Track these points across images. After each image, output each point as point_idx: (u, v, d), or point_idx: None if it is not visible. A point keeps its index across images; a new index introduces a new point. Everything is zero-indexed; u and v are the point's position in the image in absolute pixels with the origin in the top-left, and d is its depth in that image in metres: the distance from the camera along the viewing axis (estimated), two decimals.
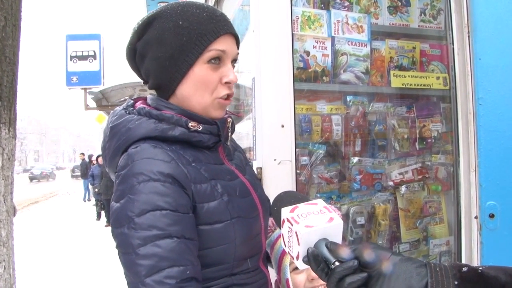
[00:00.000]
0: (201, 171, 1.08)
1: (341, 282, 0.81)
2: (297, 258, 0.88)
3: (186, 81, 1.10)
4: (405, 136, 2.40)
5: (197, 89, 1.10)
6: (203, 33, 1.07)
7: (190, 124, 1.09)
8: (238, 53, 1.16)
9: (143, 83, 1.20)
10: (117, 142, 1.09)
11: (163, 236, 0.95)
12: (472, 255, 2.10)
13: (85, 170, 17.42)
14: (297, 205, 0.93)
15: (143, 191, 0.97)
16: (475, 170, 1.99)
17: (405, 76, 2.34)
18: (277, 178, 1.89)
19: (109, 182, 10.85)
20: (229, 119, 1.20)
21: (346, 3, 2.26)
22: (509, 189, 1.82)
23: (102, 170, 11.40)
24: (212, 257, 1.06)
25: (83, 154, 19.30)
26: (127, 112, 1.14)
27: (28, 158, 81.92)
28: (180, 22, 1.07)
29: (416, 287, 0.77)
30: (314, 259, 0.85)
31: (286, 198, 1.03)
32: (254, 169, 1.92)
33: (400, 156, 2.41)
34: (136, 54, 1.15)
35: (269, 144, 1.90)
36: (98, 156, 13.34)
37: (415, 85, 2.35)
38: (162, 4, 1.16)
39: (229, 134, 1.22)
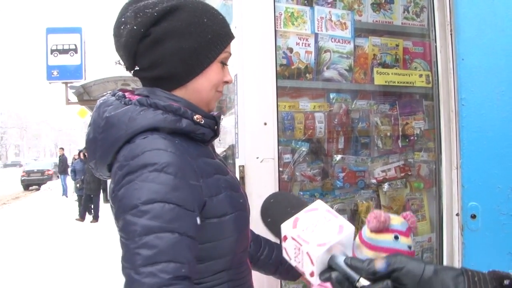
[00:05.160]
0: (206, 165, 1.10)
1: None
2: (312, 275, 0.83)
3: (202, 76, 1.14)
4: (388, 134, 2.40)
5: (208, 85, 1.16)
6: (224, 35, 1.15)
7: (195, 117, 1.11)
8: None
9: (129, 69, 1.16)
10: (118, 132, 1.06)
11: (166, 230, 0.93)
12: (453, 252, 2.12)
13: (64, 165, 17.13)
14: (297, 216, 0.86)
15: (154, 181, 0.96)
16: (457, 168, 2.00)
17: (388, 74, 2.34)
18: (260, 176, 1.87)
19: (91, 177, 10.76)
20: (222, 116, 1.26)
21: (330, 0, 2.25)
22: (490, 190, 1.83)
23: (87, 166, 11.25)
24: (216, 250, 1.08)
25: (62, 149, 18.86)
26: (123, 102, 1.11)
27: (8, 153, 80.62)
28: (205, 20, 1.12)
29: None
30: (339, 282, 0.80)
31: (279, 206, 0.97)
32: (237, 167, 1.91)
33: (383, 153, 2.41)
34: (147, 39, 1.10)
35: (252, 142, 1.88)
36: (80, 151, 13.17)
37: (398, 82, 2.35)
38: None
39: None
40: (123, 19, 1.12)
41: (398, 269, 0.76)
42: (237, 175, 1.87)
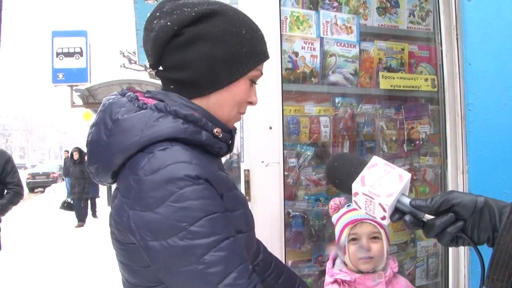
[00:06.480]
0: (226, 179, 1.06)
1: (441, 233, 0.91)
2: (383, 219, 0.98)
3: (227, 90, 1.07)
4: (393, 138, 2.39)
5: (232, 101, 1.09)
6: (259, 52, 1.09)
7: (215, 130, 1.05)
8: None
9: (153, 67, 1.11)
10: (131, 138, 0.97)
11: (223, 239, 0.92)
12: (459, 257, 2.10)
13: (68, 168, 17.08)
14: (362, 174, 0.98)
15: (190, 197, 0.91)
16: (463, 173, 1.99)
17: (393, 78, 2.33)
18: (265, 180, 1.87)
19: (75, 181, 10.73)
20: (236, 130, 1.21)
21: (335, 4, 2.24)
22: (498, 195, 1.81)
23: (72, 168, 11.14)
24: None
25: (67, 151, 18.81)
26: (136, 105, 1.03)
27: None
28: (243, 32, 1.06)
29: (499, 227, 0.88)
30: (410, 221, 0.94)
31: (343, 168, 1.05)
32: (242, 171, 1.91)
33: (388, 158, 2.40)
34: (178, 38, 1.04)
35: (257, 146, 1.88)
36: (67, 152, 13.10)
37: (403, 86, 2.34)
38: (150, 2, 1.11)
39: None
40: (158, 14, 1.05)
41: (456, 204, 0.91)
42: (242, 179, 1.87)
